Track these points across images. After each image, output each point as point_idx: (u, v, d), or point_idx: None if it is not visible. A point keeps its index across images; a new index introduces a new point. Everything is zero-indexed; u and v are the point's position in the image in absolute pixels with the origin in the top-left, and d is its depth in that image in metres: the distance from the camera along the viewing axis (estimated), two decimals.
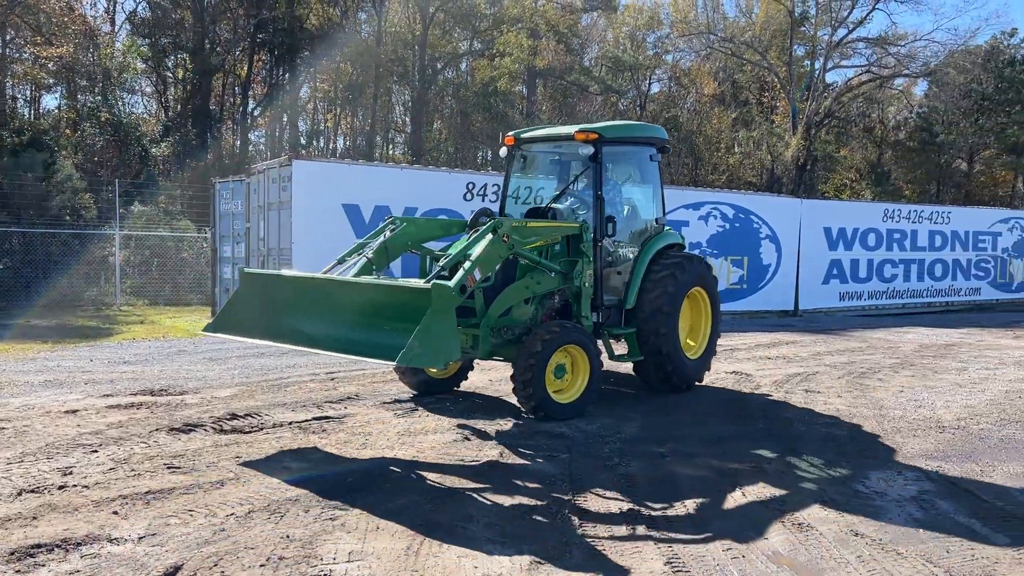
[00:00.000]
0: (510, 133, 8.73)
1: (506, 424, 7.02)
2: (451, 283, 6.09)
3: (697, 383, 8.88)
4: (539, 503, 5.03)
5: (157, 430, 6.54)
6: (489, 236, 6.77)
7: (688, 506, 5.05)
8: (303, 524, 4.55)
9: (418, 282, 6.38)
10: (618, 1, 40.82)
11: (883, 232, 21.59)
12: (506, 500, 5.05)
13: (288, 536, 4.36)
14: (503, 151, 8.68)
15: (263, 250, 14.98)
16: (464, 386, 8.45)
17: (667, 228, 8.91)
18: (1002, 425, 7.50)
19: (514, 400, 7.24)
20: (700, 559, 4.23)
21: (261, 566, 3.98)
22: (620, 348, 8.54)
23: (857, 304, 21.25)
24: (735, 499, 5.22)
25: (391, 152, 43.21)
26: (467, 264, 6.53)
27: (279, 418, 7.10)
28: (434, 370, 7.79)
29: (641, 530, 4.61)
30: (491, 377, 9.27)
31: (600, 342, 7.98)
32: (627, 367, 8.93)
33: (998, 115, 40.61)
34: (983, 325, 17.87)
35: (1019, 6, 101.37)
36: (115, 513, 4.64)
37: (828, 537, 4.55)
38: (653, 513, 4.89)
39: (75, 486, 5.08)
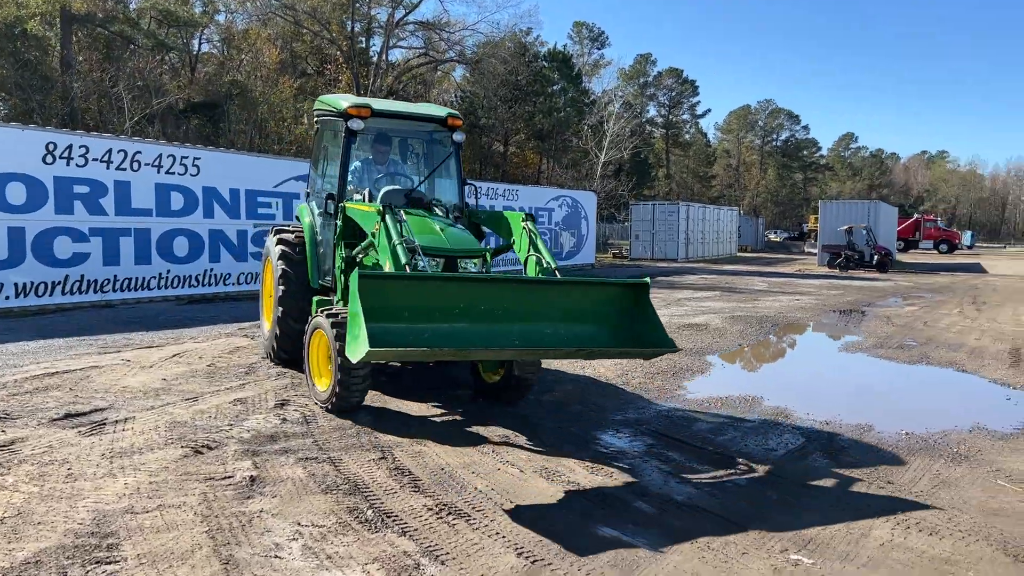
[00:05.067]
0: (361, 103, 7.41)
1: (228, 430, 6.08)
2: None
3: None
4: (340, 518, 4.49)
5: None
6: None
7: (415, 503, 4.97)
8: None
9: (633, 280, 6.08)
10: None
11: None
12: (306, 519, 4.42)
13: None
14: (357, 123, 7.27)
15: None
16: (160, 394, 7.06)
17: None
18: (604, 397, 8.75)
19: (215, 401, 6.30)
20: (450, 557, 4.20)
21: None
22: None
23: None
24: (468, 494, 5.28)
25: None
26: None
27: None
28: None
29: (356, 536, 4.41)
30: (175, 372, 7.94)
31: None
32: None
33: (527, 104, 46.55)
34: None
35: (547, 7, 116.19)
36: None
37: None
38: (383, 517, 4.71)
39: None
